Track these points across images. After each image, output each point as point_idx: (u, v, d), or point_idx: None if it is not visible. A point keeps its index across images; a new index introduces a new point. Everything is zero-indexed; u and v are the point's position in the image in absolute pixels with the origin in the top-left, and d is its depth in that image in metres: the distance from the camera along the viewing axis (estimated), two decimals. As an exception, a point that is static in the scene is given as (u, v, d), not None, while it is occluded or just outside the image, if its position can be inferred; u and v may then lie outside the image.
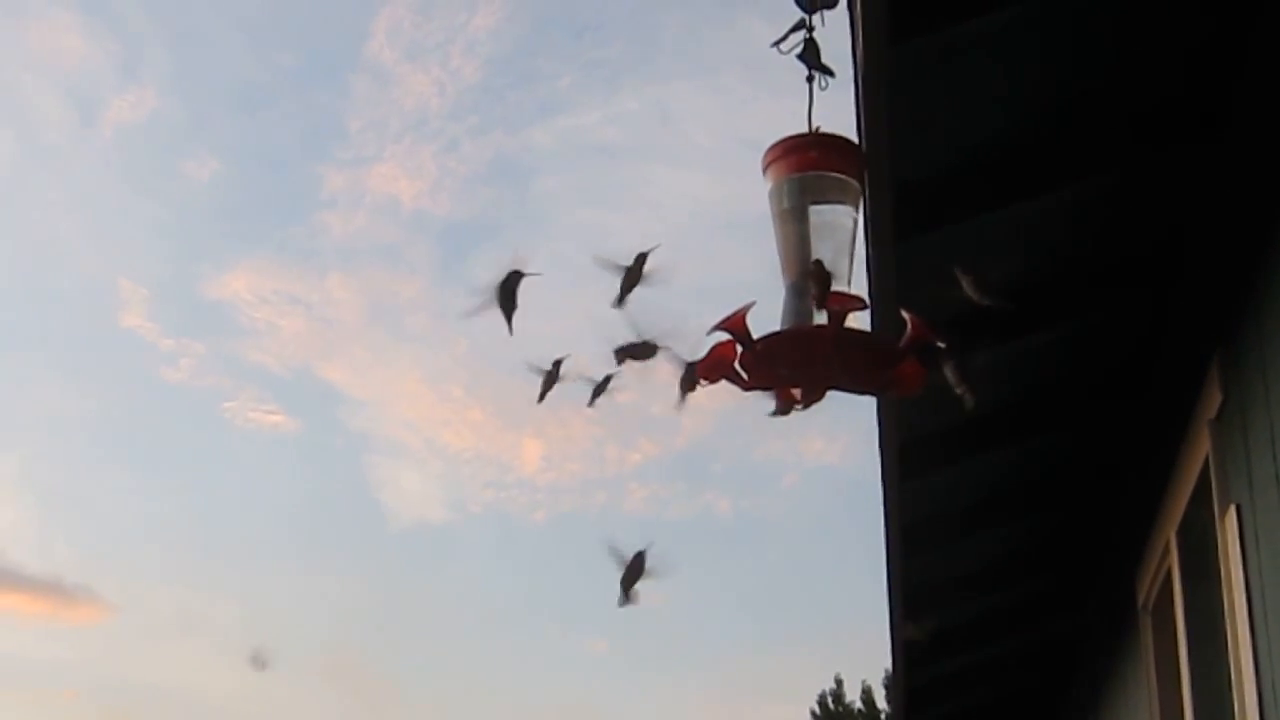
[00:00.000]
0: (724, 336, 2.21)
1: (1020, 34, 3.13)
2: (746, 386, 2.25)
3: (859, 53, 2.88)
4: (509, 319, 2.54)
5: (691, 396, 2.28)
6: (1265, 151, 3.19)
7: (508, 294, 2.53)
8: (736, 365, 2.24)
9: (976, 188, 3.48)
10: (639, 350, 2.35)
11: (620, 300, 2.40)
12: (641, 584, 2.55)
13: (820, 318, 2.26)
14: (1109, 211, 3.72)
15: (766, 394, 2.30)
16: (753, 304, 2.20)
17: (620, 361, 2.37)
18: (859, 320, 2.32)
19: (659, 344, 2.32)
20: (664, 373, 2.31)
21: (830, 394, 2.33)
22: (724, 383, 2.28)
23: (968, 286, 2.35)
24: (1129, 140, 3.48)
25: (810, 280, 2.26)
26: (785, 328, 2.27)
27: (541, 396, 2.50)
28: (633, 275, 2.40)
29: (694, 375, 2.28)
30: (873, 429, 4.39)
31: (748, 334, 2.20)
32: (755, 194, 2.43)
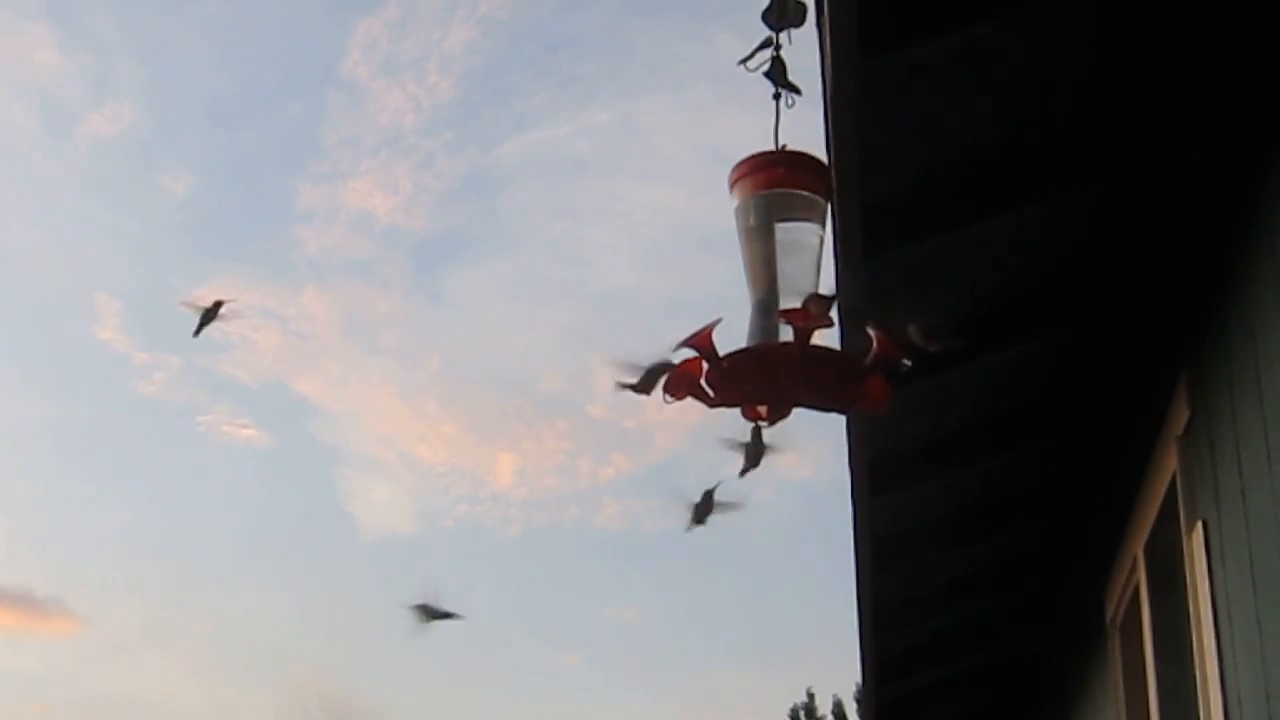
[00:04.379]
0: (690, 353, 2.21)
1: (988, 52, 3.14)
2: (713, 403, 2.25)
3: (827, 70, 2.89)
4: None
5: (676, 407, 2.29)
6: (1233, 170, 3.21)
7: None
8: (703, 382, 2.24)
9: (945, 205, 3.49)
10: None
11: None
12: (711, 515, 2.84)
13: (787, 334, 2.26)
14: (1077, 229, 3.74)
15: (733, 410, 2.31)
16: (719, 321, 2.20)
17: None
18: (825, 338, 2.33)
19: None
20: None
21: (799, 410, 2.33)
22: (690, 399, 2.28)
23: (914, 335, 2.35)
24: (1097, 158, 3.50)
25: (810, 304, 2.27)
26: (751, 345, 2.27)
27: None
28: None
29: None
30: (844, 444, 4.41)
31: (714, 351, 2.20)
32: (726, 209, 2.44)
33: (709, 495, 2.81)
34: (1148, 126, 3.42)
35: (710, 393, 2.24)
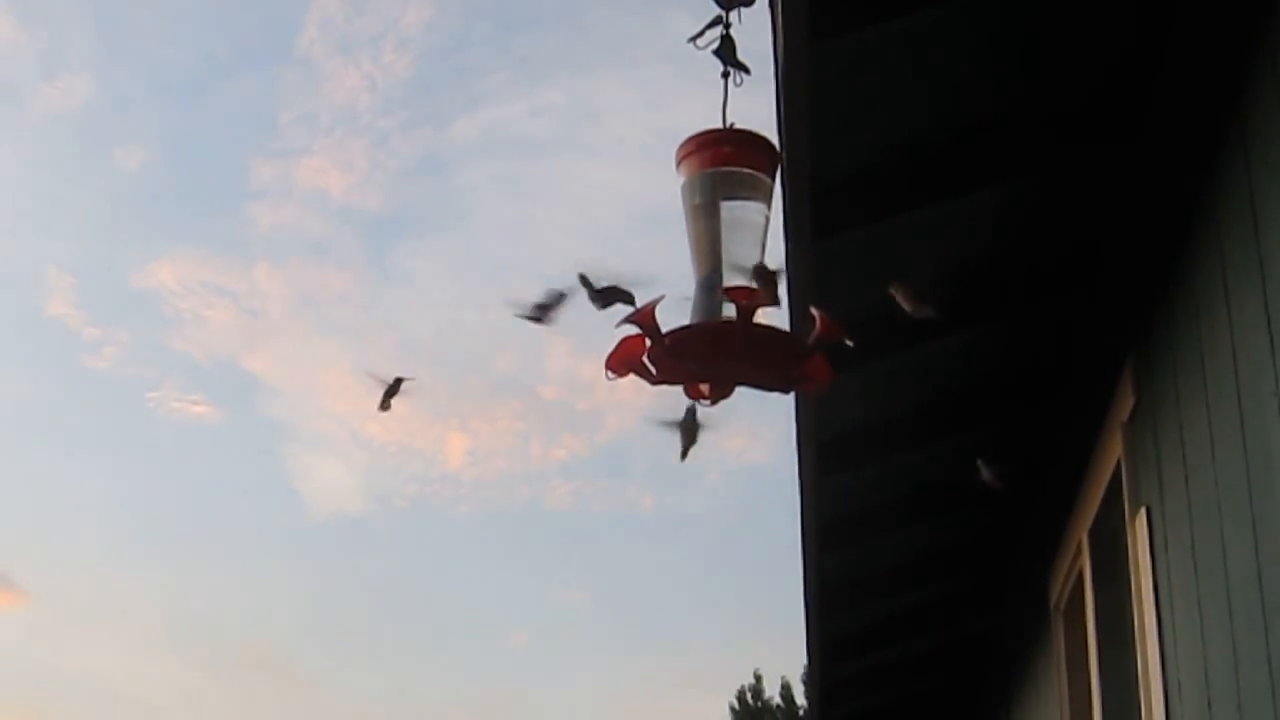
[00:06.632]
0: (633, 330, 2.21)
1: (941, 35, 3.14)
2: (655, 381, 2.25)
3: (779, 51, 2.89)
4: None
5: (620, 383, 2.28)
6: (1180, 157, 3.22)
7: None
8: (645, 359, 2.23)
9: (896, 188, 3.49)
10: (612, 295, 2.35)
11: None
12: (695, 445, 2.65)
13: (730, 313, 2.25)
14: (1026, 214, 3.75)
15: (675, 388, 2.30)
16: (662, 297, 2.19)
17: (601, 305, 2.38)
18: (770, 317, 2.32)
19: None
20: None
21: (751, 392, 2.33)
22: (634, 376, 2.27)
23: (903, 300, 2.35)
24: (1047, 143, 3.50)
25: (755, 279, 2.26)
26: (695, 322, 2.27)
27: None
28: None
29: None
30: (793, 427, 4.41)
31: (657, 328, 2.19)
32: (674, 187, 2.43)
33: (691, 413, 2.67)
34: (1097, 112, 3.43)
35: (653, 370, 2.23)
